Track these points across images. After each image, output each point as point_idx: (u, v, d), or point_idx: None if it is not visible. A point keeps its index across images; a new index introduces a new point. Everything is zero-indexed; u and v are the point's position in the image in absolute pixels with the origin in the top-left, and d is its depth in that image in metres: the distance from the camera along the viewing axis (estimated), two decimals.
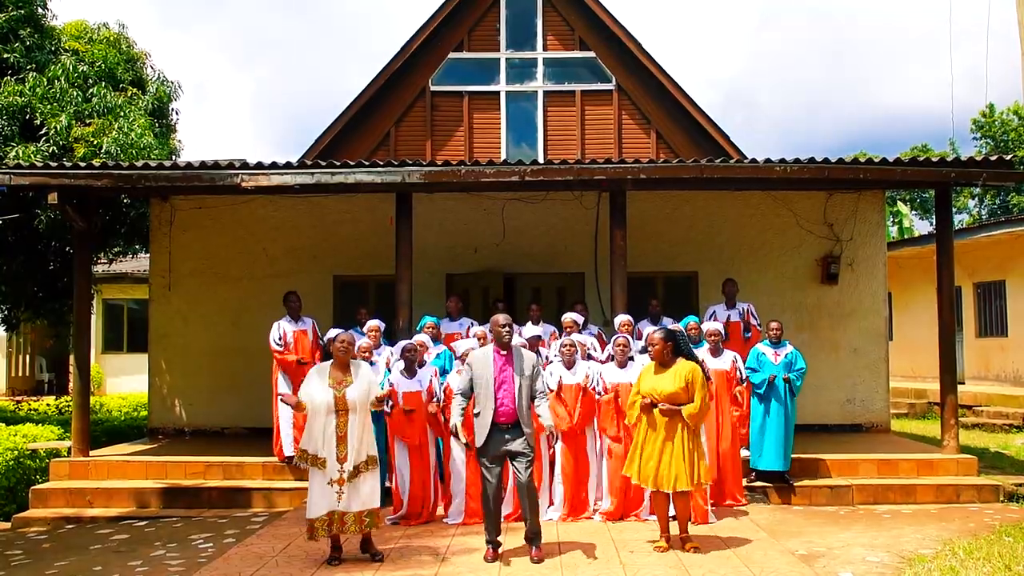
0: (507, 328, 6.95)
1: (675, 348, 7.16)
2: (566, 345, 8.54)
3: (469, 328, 10.21)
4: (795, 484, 9.20)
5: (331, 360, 6.97)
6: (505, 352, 6.98)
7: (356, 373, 6.89)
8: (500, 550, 7.00)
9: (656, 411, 7.00)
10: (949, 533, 7.82)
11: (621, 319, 9.40)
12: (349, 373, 6.86)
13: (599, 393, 8.43)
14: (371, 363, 8.53)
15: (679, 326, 8.79)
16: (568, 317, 9.47)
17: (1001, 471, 10.18)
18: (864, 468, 9.66)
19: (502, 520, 7.22)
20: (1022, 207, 36.05)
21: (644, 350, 8.74)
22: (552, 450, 8.38)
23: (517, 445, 6.85)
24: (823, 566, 6.74)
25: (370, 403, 6.86)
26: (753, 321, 10.47)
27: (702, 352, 8.78)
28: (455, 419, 7.01)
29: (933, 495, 9.20)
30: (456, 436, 7.10)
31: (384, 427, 8.35)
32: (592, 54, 15.11)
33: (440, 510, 8.49)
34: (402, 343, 8.85)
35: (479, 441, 6.89)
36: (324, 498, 6.69)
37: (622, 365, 8.46)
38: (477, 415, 6.92)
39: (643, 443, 7.12)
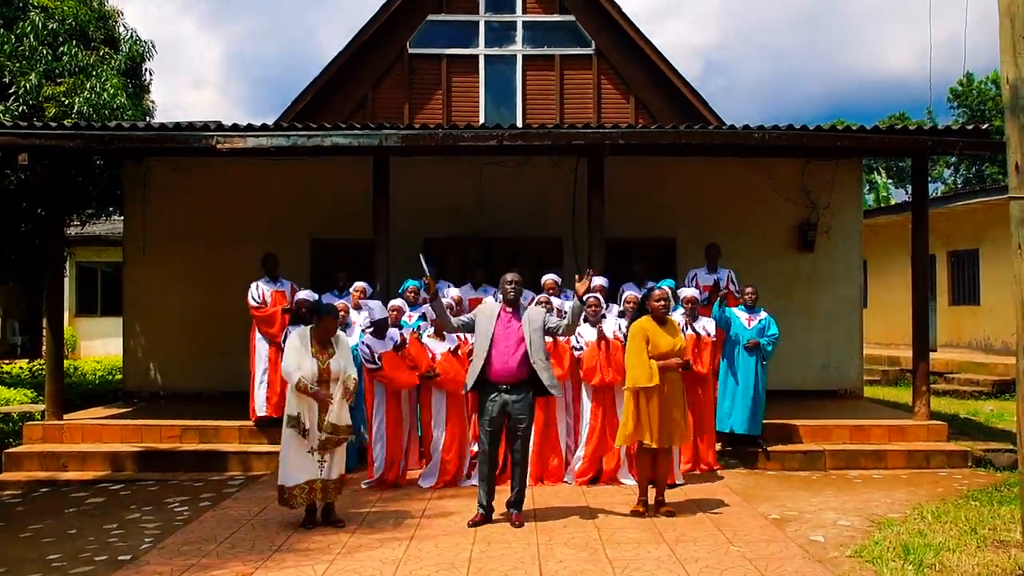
0: (513, 285, 6.90)
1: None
2: (542, 303, 8.51)
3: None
4: (769, 449, 9.30)
5: (309, 326, 6.94)
6: (511, 310, 6.91)
7: (337, 343, 6.91)
8: (492, 515, 6.91)
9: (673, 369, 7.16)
10: (918, 497, 7.95)
11: (597, 282, 9.42)
12: (331, 344, 6.87)
13: (577, 349, 8.45)
14: (347, 324, 8.56)
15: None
16: (549, 278, 9.60)
17: (970, 437, 10.32)
18: (837, 434, 9.77)
19: (495, 486, 7.04)
20: (995, 177, 36.32)
21: (623, 313, 8.83)
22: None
23: (516, 408, 6.81)
24: (795, 530, 6.84)
25: (343, 390, 6.77)
26: (732, 287, 10.50)
27: (678, 317, 8.80)
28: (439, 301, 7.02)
29: (904, 461, 9.33)
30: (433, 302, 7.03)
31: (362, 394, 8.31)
32: (571, 18, 14.97)
33: (413, 474, 8.50)
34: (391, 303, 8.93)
35: (468, 386, 6.99)
36: (305, 467, 6.71)
37: (594, 325, 8.49)
38: (471, 361, 7.00)
39: (648, 405, 7.05)
